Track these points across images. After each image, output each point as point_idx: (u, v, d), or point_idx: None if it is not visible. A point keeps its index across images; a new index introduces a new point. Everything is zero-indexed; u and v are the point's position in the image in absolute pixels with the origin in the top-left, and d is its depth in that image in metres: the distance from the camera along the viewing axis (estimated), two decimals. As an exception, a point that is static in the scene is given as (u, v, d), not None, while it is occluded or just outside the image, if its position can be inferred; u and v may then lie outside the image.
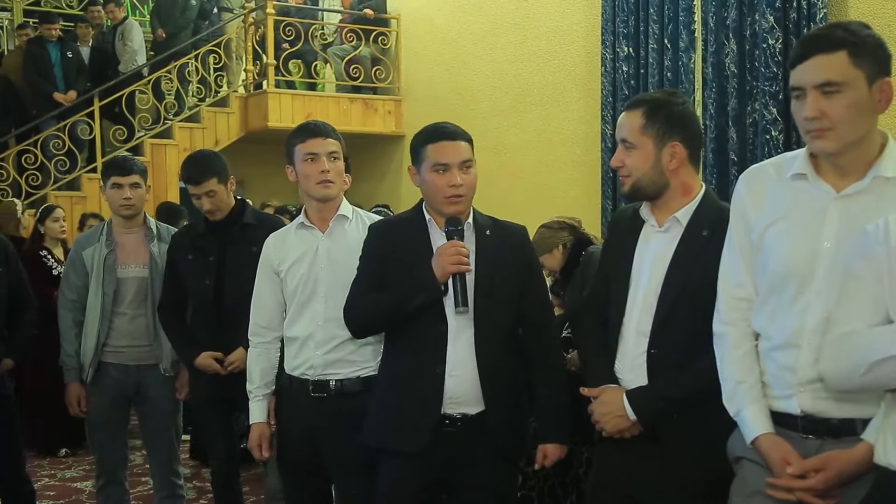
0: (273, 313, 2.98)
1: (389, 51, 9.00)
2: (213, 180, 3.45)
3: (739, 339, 2.08)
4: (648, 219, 2.38)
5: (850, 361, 1.70)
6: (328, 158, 2.88)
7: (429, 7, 8.62)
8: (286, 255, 2.93)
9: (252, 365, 3.02)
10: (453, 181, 2.50)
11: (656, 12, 6.10)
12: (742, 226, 2.10)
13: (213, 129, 8.50)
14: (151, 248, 3.70)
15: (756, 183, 2.10)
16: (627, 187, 2.38)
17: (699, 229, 2.28)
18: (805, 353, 1.93)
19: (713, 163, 5.66)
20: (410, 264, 2.55)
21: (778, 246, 2.00)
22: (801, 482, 1.88)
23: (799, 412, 1.95)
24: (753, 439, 1.99)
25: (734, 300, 2.10)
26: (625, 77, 6.32)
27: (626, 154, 2.35)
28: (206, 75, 8.60)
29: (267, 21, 8.50)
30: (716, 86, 5.68)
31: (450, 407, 2.51)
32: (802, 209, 1.98)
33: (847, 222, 1.91)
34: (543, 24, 7.30)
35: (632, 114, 2.35)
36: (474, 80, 8.02)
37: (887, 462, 1.71)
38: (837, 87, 1.89)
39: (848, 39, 1.89)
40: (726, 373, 2.09)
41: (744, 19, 5.53)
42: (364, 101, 8.85)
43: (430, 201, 2.58)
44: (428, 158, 2.53)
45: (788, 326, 1.96)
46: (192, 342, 3.53)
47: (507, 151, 7.49)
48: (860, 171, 1.93)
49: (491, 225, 2.63)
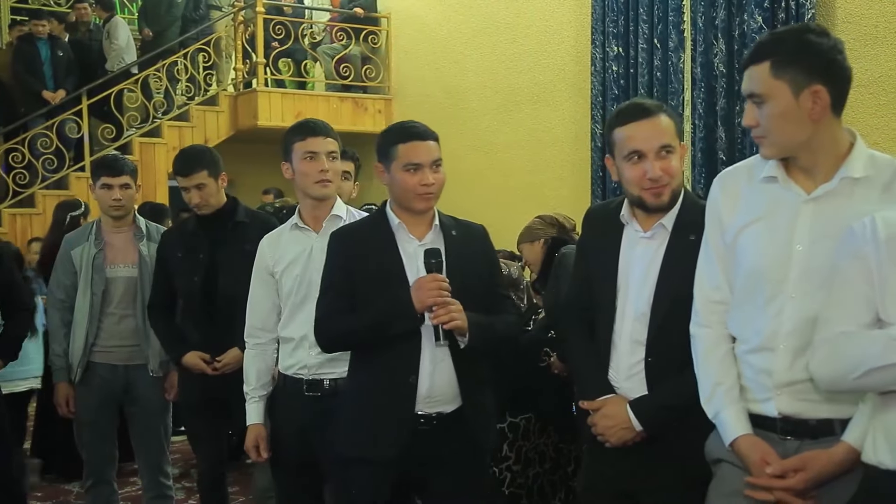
0: (268, 314, 2.98)
1: (380, 50, 8.99)
2: (203, 172, 3.43)
3: (716, 342, 2.09)
4: (631, 223, 2.36)
5: (844, 365, 1.70)
6: (327, 158, 2.88)
7: (419, 6, 8.62)
8: (281, 257, 2.93)
9: (248, 366, 3.01)
10: (425, 180, 2.50)
11: (646, 12, 6.11)
12: (717, 229, 2.11)
13: (202, 127, 8.48)
14: (141, 248, 3.68)
15: (730, 186, 2.11)
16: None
17: (686, 233, 2.27)
18: (781, 356, 1.94)
19: (702, 162, 5.68)
20: (380, 276, 2.53)
21: (751, 249, 2.01)
22: (781, 482, 1.89)
23: (777, 414, 1.96)
24: (732, 441, 2.00)
25: (711, 303, 2.11)
26: (614, 77, 6.33)
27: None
28: (196, 74, 8.57)
29: (256, 20, 8.48)
30: (704, 85, 5.70)
31: (427, 406, 2.50)
32: (774, 212, 1.99)
33: (818, 224, 1.93)
34: (533, 23, 7.30)
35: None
36: (464, 79, 8.02)
37: (877, 461, 1.72)
38: (761, 98, 1.94)
39: (773, 50, 1.93)
40: (704, 375, 2.10)
41: (732, 19, 5.56)
42: (354, 100, 8.84)
43: (400, 199, 2.57)
44: (399, 158, 2.52)
45: (763, 329, 1.97)
46: (180, 340, 3.52)
47: (497, 150, 7.49)
48: (829, 172, 1.95)
49: (455, 225, 2.64)
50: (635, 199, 2.31)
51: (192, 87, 8.59)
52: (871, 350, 1.66)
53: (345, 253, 2.62)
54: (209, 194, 3.46)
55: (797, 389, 1.93)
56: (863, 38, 5.02)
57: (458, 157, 7.90)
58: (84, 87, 7.96)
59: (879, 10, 4.98)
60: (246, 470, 4.81)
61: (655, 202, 2.29)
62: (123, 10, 10.29)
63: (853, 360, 1.68)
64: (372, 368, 2.57)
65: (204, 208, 3.47)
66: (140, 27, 8.80)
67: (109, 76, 8.15)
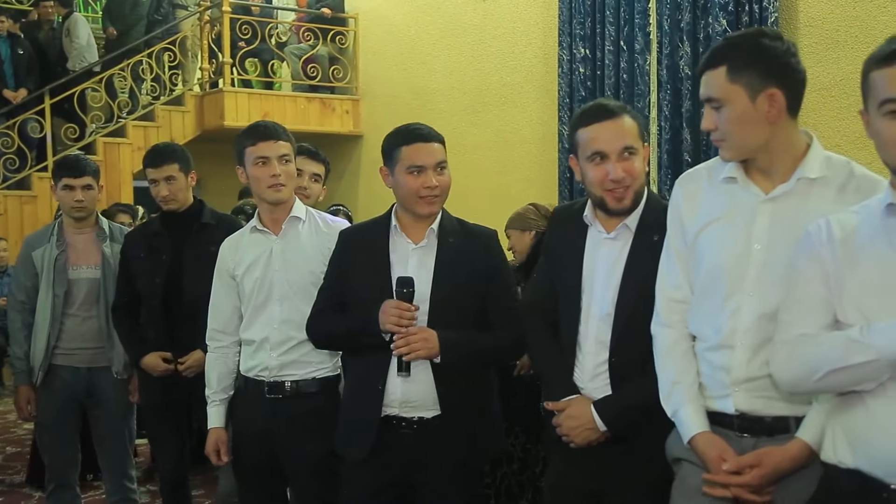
0: (230, 317, 2.96)
1: (347, 50, 8.97)
2: (174, 165, 3.43)
3: (676, 340, 2.11)
4: (594, 224, 2.37)
5: (804, 367, 1.72)
6: (279, 161, 2.86)
7: (387, 7, 8.61)
8: (241, 259, 2.92)
9: (210, 370, 2.99)
10: (428, 183, 2.50)
11: (612, 14, 6.16)
12: (678, 229, 2.13)
13: (167, 127, 8.39)
14: (104, 249, 3.64)
15: (691, 187, 2.14)
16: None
17: (649, 234, 2.28)
18: (738, 354, 1.97)
19: (668, 164, 5.73)
20: (367, 278, 2.55)
21: (710, 248, 2.04)
22: (737, 478, 1.91)
23: (734, 411, 1.99)
24: (690, 438, 2.02)
25: (671, 302, 2.13)
26: (581, 78, 6.36)
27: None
28: (161, 73, 8.49)
29: (223, 19, 8.43)
30: (670, 87, 5.75)
31: (405, 410, 2.51)
32: (734, 212, 2.02)
33: (776, 223, 1.96)
34: (501, 25, 7.32)
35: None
36: (432, 80, 8.02)
37: (837, 460, 1.73)
38: (719, 102, 1.96)
39: (728, 55, 1.96)
40: (663, 373, 2.12)
41: (697, 22, 5.61)
42: (321, 101, 8.81)
43: (404, 202, 2.56)
44: (402, 160, 2.52)
45: (722, 327, 2.00)
46: (141, 341, 3.48)
47: (465, 151, 7.50)
48: (786, 173, 1.98)
49: (458, 231, 2.61)
50: (597, 200, 2.32)
51: (158, 86, 8.50)
52: (831, 352, 1.67)
53: (343, 252, 2.66)
54: (178, 189, 3.45)
55: (754, 386, 1.96)
56: (824, 42, 5.10)
57: (425, 157, 7.90)
58: (46, 85, 7.85)
59: (840, 14, 5.05)
60: (211, 472, 4.77)
61: (617, 206, 2.29)
62: (87, 8, 10.18)
63: (813, 362, 1.70)
64: (351, 371, 2.67)
65: (171, 203, 3.44)
66: (104, 26, 8.70)
67: (72, 75, 8.05)
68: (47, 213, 7.23)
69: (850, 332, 1.67)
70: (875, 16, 4.89)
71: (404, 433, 2.51)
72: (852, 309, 1.70)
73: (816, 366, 1.69)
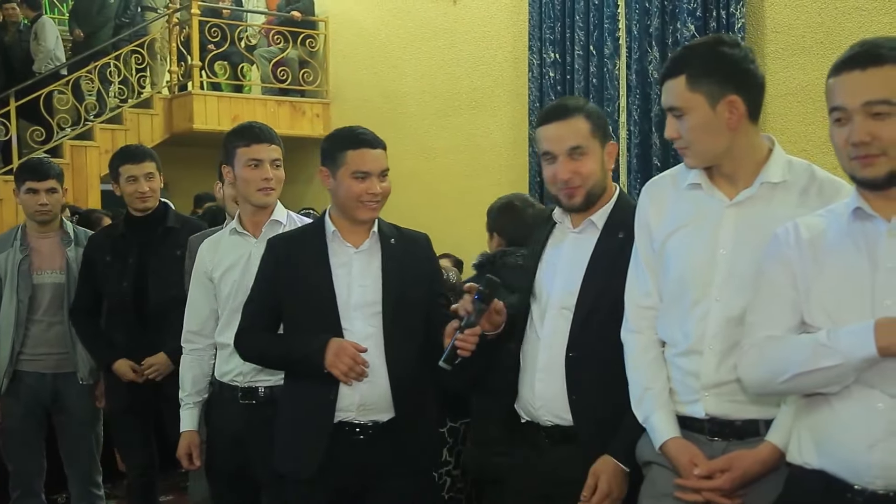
0: (206, 320, 2.94)
1: (317, 53, 8.93)
2: (153, 163, 3.45)
3: (646, 346, 2.12)
4: (563, 220, 2.37)
5: (771, 369, 1.74)
6: (271, 165, 2.85)
7: (357, 10, 8.59)
8: (219, 262, 2.90)
9: (184, 372, 2.97)
10: (372, 189, 2.49)
11: (582, 19, 6.19)
12: (645, 236, 2.14)
13: (135, 130, 8.31)
14: (68, 253, 3.60)
15: (656, 194, 2.16)
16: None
17: (615, 231, 2.29)
18: (707, 359, 1.98)
19: (637, 168, 5.77)
20: (308, 289, 2.51)
21: (678, 254, 2.05)
22: (708, 482, 1.92)
23: (704, 415, 2.00)
24: (662, 444, 2.03)
25: (640, 308, 2.14)
26: (551, 83, 6.39)
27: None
28: (129, 76, 8.40)
29: (192, 21, 8.36)
30: (639, 92, 5.79)
31: (361, 414, 2.48)
32: (699, 218, 2.04)
33: (741, 228, 1.98)
34: (471, 29, 7.33)
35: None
36: (403, 83, 8.01)
37: (802, 461, 1.76)
38: (680, 111, 1.98)
39: (687, 63, 1.98)
40: (634, 379, 2.12)
41: (666, 27, 5.66)
42: (291, 104, 8.76)
43: (343, 206, 2.53)
44: (347, 164, 2.49)
45: (690, 333, 2.01)
46: (108, 346, 3.45)
47: (436, 155, 7.50)
48: (749, 178, 2.00)
49: (395, 233, 2.61)
50: (554, 197, 2.35)
51: (125, 89, 8.41)
52: (798, 355, 1.69)
53: (275, 262, 2.58)
54: (156, 188, 3.46)
55: (724, 391, 1.97)
56: (791, 48, 5.16)
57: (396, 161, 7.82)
58: (12, 88, 7.74)
59: (806, 20, 5.12)
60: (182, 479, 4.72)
61: (568, 203, 2.30)
62: (53, 10, 10.04)
63: (780, 364, 1.72)
64: (295, 384, 2.58)
65: (149, 200, 3.44)
66: (71, 28, 8.58)
67: (39, 77, 7.94)
68: (13, 216, 7.13)
69: (817, 336, 1.69)
70: (840, 22, 4.96)
71: (357, 440, 2.48)
72: (819, 311, 1.73)
73: (783, 368, 1.71)
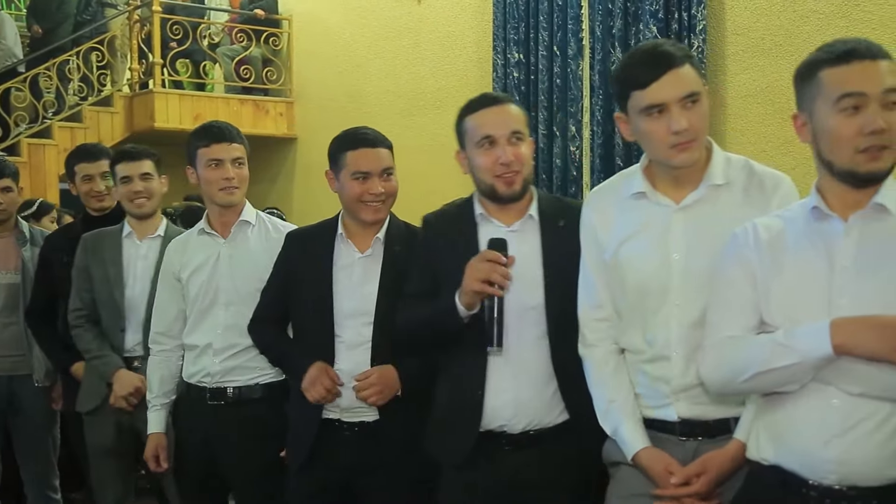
0: (174, 320, 2.91)
1: (281, 52, 8.87)
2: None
3: (605, 359, 2.12)
4: (490, 220, 2.28)
5: (732, 369, 1.76)
6: (233, 165, 2.82)
7: (321, 9, 8.55)
8: (188, 262, 2.87)
9: (152, 373, 2.94)
10: (373, 189, 2.47)
11: (546, 20, 6.22)
12: (594, 248, 2.13)
13: (95, 128, 8.19)
14: (23, 253, 3.54)
15: (601, 205, 2.15)
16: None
17: (555, 221, 2.26)
18: (675, 363, 1.99)
19: (600, 168, 5.80)
20: (310, 287, 2.52)
21: (631, 264, 2.05)
22: (686, 489, 1.94)
23: (676, 418, 2.01)
24: (633, 455, 2.03)
25: (594, 322, 2.14)
26: (515, 83, 6.41)
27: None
28: (89, 73, 8.28)
29: (153, 19, 8.26)
30: (602, 92, 5.82)
31: (346, 415, 2.50)
32: (648, 225, 2.04)
33: (691, 231, 1.99)
34: (436, 29, 7.33)
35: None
36: (367, 83, 7.99)
37: (760, 457, 1.79)
38: (698, 96, 1.96)
39: (684, 53, 1.99)
40: (597, 392, 2.12)
41: (629, 29, 5.70)
42: (255, 103, 8.70)
43: (348, 208, 2.54)
44: (348, 165, 2.49)
45: (655, 339, 2.02)
46: (65, 348, 3.39)
47: (400, 155, 7.38)
48: (695, 181, 2.01)
49: (404, 236, 2.56)
50: (487, 188, 2.26)
51: (85, 86, 8.29)
52: (757, 355, 1.71)
53: (289, 255, 2.62)
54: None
55: (694, 394, 1.99)
56: (751, 50, 5.22)
57: (360, 161, 7.85)
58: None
59: (766, 23, 5.19)
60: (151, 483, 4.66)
61: (507, 190, 2.23)
62: (10, 5, 9.87)
63: (740, 364, 1.74)
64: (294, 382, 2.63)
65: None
66: (29, 24, 8.43)
67: (-5, 74, 7.81)
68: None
69: (775, 336, 1.71)
70: (798, 25, 5.03)
71: (346, 437, 2.50)
72: (777, 311, 1.74)
73: (743, 368, 1.73)
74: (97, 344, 3.16)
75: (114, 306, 3.16)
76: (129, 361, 3.19)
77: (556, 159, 6.09)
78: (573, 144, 5.99)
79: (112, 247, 3.18)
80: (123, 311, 3.16)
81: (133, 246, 3.21)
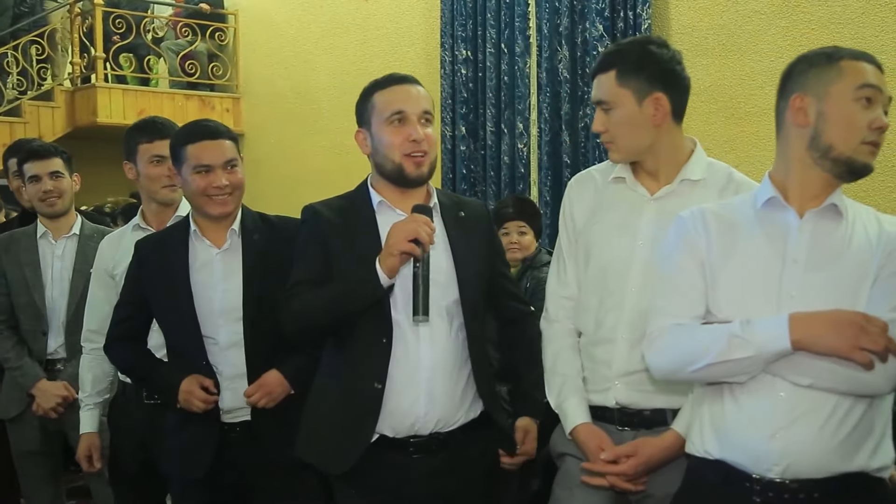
0: (106, 318, 2.82)
1: (227, 47, 8.77)
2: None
3: (562, 335, 2.17)
4: (392, 209, 2.19)
5: (682, 357, 1.75)
6: None
7: (268, 4, 8.47)
8: (121, 259, 2.81)
9: (84, 372, 2.89)
10: (216, 182, 2.38)
11: (493, 17, 6.24)
12: (570, 227, 2.19)
13: (35, 123, 8.00)
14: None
15: (581, 187, 2.21)
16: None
17: (455, 212, 2.23)
18: (619, 347, 2.04)
19: (547, 165, 5.85)
20: (169, 292, 2.44)
21: (598, 245, 2.11)
22: (614, 467, 1.98)
23: (614, 404, 2.06)
24: (572, 429, 2.08)
25: (559, 298, 2.19)
26: (463, 80, 6.43)
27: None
28: (28, 67, 8.09)
29: (95, 12, 8.09)
30: (550, 90, 5.87)
31: (227, 417, 2.46)
32: (621, 210, 2.10)
33: (659, 222, 2.03)
34: (384, 25, 7.32)
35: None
36: (315, 79, 7.94)
37: (704, 451, 1.79)
38: (609, 105, 2.04)
39: (618, 60, 2.05)
40: (549, 367, 2.17)
41: (575, 27, 5.76)
42: (200, 98, 8.59)
43: (194, 204, 2.46)
44: (189, 159, 2.40)
45: (604, 322, 2.07)
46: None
47: (348, 152, 7.44)
48: (671, 175, 2.08)
49: (262, 227, 2.52)
50: (394, 168, 2.15)
51: (24, 80, 8.10)
52: (711, 345, 1.70)
53: (138, 265, 2.51)
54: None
55: (633, 380, 2.03)
56: (695, 49, 5.31)
57: (308, 157, 7.80)
58: None
59: (710, 23, 5.28)
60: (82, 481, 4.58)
61: (415, 171, 2.13)
62: (-55, -4, 9.58)
63: (692, 353, 1.72)
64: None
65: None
66: (-35, 16, 8.23)
67: (-70, 67, 7.59)
68: None
69: (730, 328, 1.69)
70: (741, 25, 5.13)
71: (232, 437, 2.46)
72: (726, 301, 1.75)
73: (695, 357, 1.72)
74: (15, 354, 3.13)
75: (34, 310, 3.13)
76: (52, 364, 3.15)
77: (503, 156, 6.13)
78: (521, 141, 6.04)
79: (27, 248, 3.15)
80: (45, 314, 3.13)
81: (49, 246, 3.18)
